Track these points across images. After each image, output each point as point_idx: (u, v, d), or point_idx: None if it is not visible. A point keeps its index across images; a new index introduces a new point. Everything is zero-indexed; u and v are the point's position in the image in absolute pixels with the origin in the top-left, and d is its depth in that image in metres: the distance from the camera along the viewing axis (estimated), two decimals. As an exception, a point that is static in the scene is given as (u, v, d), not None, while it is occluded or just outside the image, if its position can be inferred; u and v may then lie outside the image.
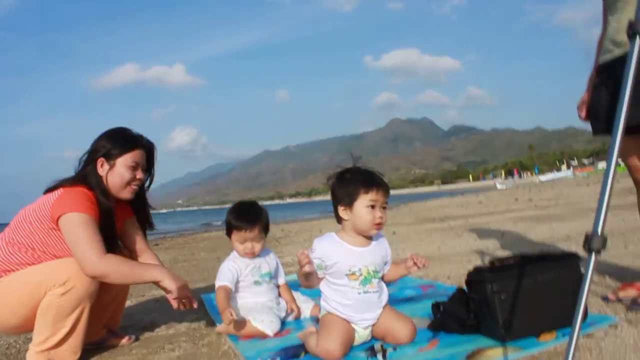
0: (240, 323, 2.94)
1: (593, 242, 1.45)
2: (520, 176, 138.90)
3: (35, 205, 2.73)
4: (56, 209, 2.62)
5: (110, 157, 2.81)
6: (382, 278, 2.59)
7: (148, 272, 2.76)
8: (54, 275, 2.56)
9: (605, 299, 2.79)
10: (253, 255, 3.06)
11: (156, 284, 2.79)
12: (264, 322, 2.88)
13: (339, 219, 2.49)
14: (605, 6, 2.81)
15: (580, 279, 2.39)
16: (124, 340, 3.10)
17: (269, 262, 3.18)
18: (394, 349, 2.37)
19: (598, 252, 1.46)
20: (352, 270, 2.42)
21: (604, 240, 1.46)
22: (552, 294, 2.30)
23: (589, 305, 2.64)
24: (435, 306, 2.62)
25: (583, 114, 2.97)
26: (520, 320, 2.25)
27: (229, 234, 3.08)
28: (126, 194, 2.88)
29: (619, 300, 2.73)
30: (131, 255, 3.09)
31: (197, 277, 5.85)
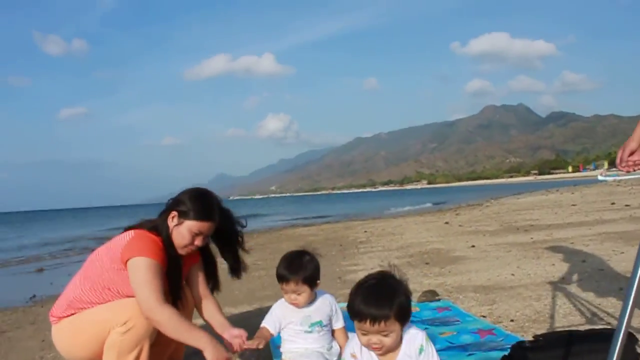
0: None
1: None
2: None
3: (109, 244, 2.93)
4: (126, 252, 2.80)
5: (182, 216, 2.96)
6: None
7: (194, 339, 2.80)
8: (117, 315, 2.75)
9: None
10: (298, 306, 3.08)
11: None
12: (311, 369, 2.92)
13: None
14: None
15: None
16: None
17: (321, 310, 3.17)
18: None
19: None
20: None
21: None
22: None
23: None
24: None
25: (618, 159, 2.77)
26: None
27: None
28: (181, 252, 3.01)
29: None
30: (193, 298, 3.24)
31: (270, 291, 5.98)
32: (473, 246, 8.40)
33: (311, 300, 3.13)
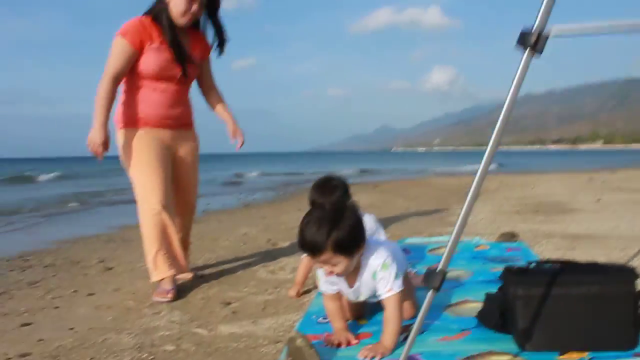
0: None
1: (431, 279, 1.54)
2: None
3: None
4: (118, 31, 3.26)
5: None
6: None
7: (95, 115, 3.19)
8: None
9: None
10: None
11: None
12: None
13: None
14: None
15: (633, 296, 2.10)
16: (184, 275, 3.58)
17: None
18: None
19: (436, 289, 1.43)
20: None
21: (441, 277, 1.53)
22: (588, 310, 2.05)
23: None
24: (487, 297, 2.49)
25: None
26: (541, 332, 2.07)
27: None
28: (181, 22, 3.32)
29: None
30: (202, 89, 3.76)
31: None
32: (599, 200, 7.83)
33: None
